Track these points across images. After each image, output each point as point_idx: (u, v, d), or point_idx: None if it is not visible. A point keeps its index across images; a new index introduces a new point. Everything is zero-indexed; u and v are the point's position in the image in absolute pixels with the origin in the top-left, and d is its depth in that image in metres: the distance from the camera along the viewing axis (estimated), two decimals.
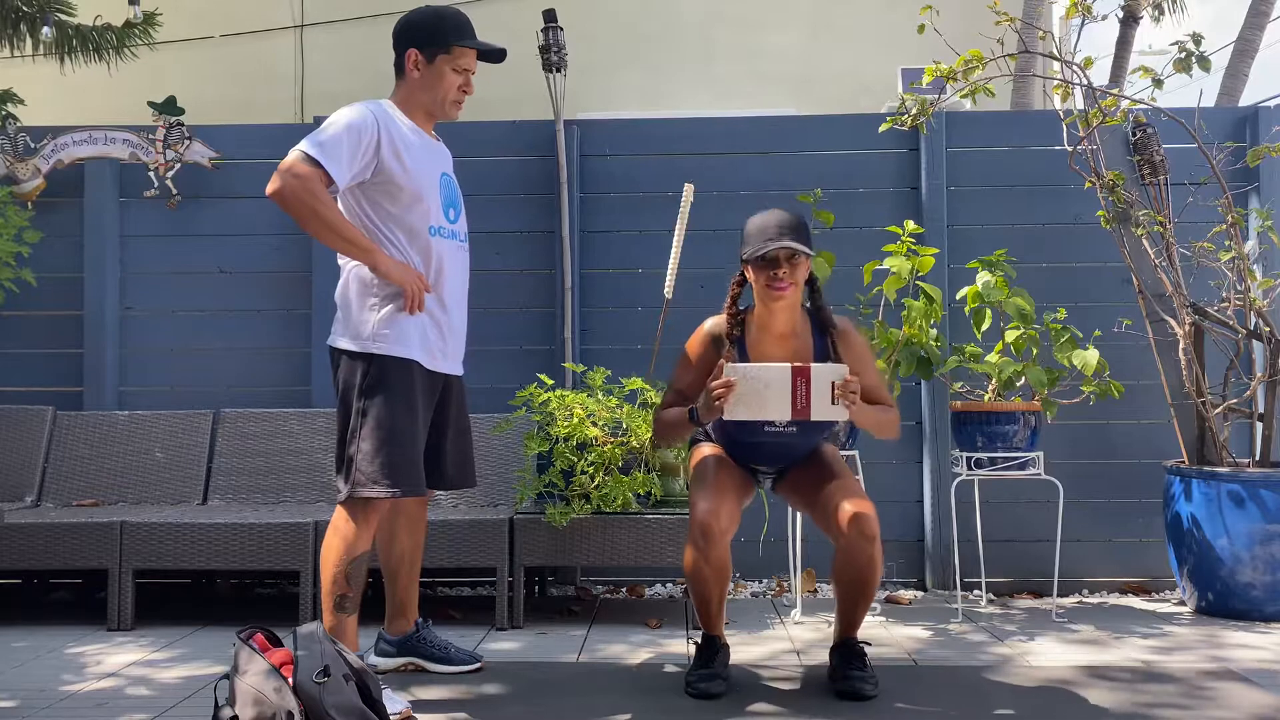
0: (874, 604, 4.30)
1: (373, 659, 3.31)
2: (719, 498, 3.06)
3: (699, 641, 3.21)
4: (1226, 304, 4.30)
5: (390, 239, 2.99)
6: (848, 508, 3.01)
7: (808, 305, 3.23)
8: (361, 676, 2.66)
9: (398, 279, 2.92)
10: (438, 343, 3.06)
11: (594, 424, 3.97)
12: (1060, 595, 4.39)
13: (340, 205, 3.00)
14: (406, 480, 2.93)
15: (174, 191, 4.88)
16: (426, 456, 3.07)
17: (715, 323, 3.21)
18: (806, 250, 3.04)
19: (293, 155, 2.85)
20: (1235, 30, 7.86)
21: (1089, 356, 4.04)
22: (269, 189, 2.86)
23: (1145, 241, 4.34)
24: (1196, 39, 4.23)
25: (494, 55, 3.14)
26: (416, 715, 2.89)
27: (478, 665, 3.31)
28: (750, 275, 3.12)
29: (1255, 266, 4.44)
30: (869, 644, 3.20)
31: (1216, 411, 4.23)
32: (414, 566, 3.31)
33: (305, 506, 4.33)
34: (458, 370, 3.20)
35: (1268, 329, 4.25)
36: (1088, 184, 4.38)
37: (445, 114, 3.12)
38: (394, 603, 3.31)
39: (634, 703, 3.00)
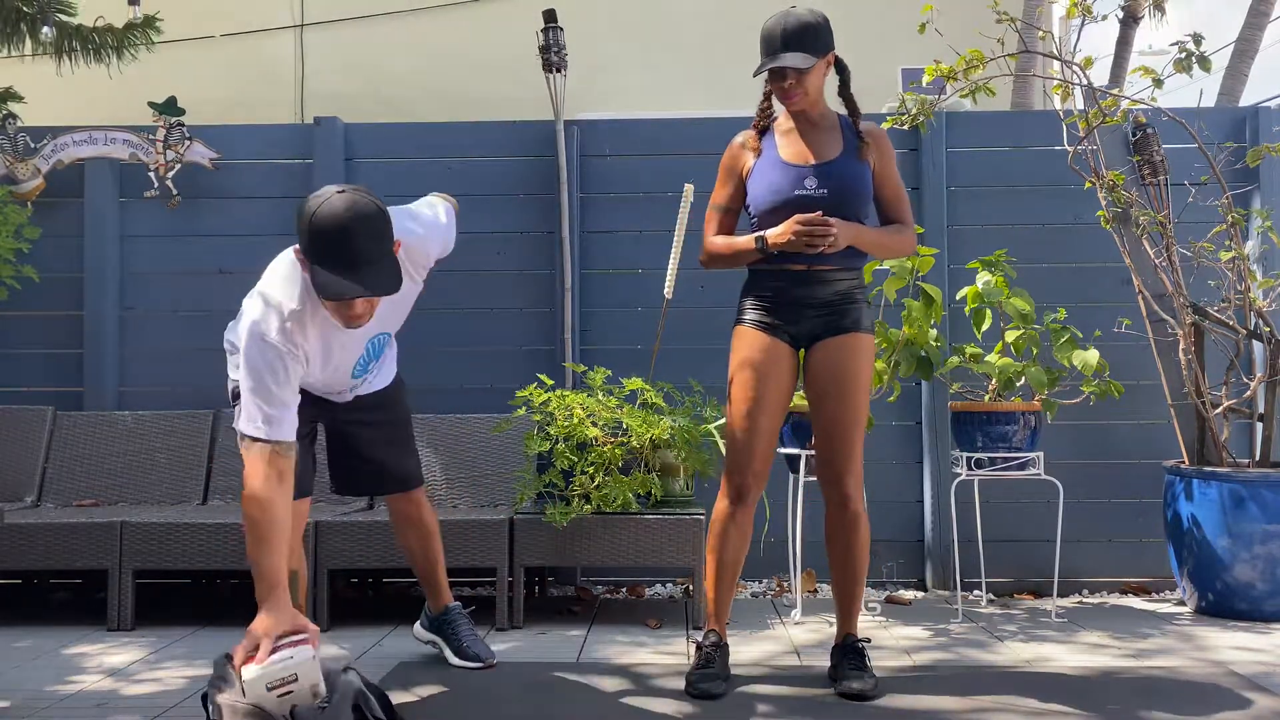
0: (874, 604, 4.30)
1: (416, 628, 3.54)
2: (756, 442, 3.08)
3: (699, 640, 3.21)
4: (1226, 304, 4.30)
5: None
6: (830, 466, 3.09)
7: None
8: (358, 699, 2.60)
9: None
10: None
11: (594, 424, 3.97)
12: (1060, 595, 4.39)
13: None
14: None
15: (174, 192, 4.87)
16: (345, 464, 3.24)
17: (743, 133, 3.25)
18: (801, 68, 3.03)
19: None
20: (1226, 31, 7.87)
21: (1089, 356, 4.04)
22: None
23: (1145, 241, 4.34)
24: (1197, 39, 4.23)
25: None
26: (415, 715, 2.89)
27: (483, 665, 3.32)
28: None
29: (1255, 266, 4.44)
30: (868, 641, 3.21)
31: (1216, 411, 4.23)
32: (430, 559, 3.39)
33: None
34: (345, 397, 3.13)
35: (1268, 329, 4.25)
36: (1088, 184, 4.38)
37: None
38: (425, 588, 3.48)
39: (634, 703, 3.00)
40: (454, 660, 3.36)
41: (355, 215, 2.53)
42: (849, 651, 3.14)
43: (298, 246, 2.66)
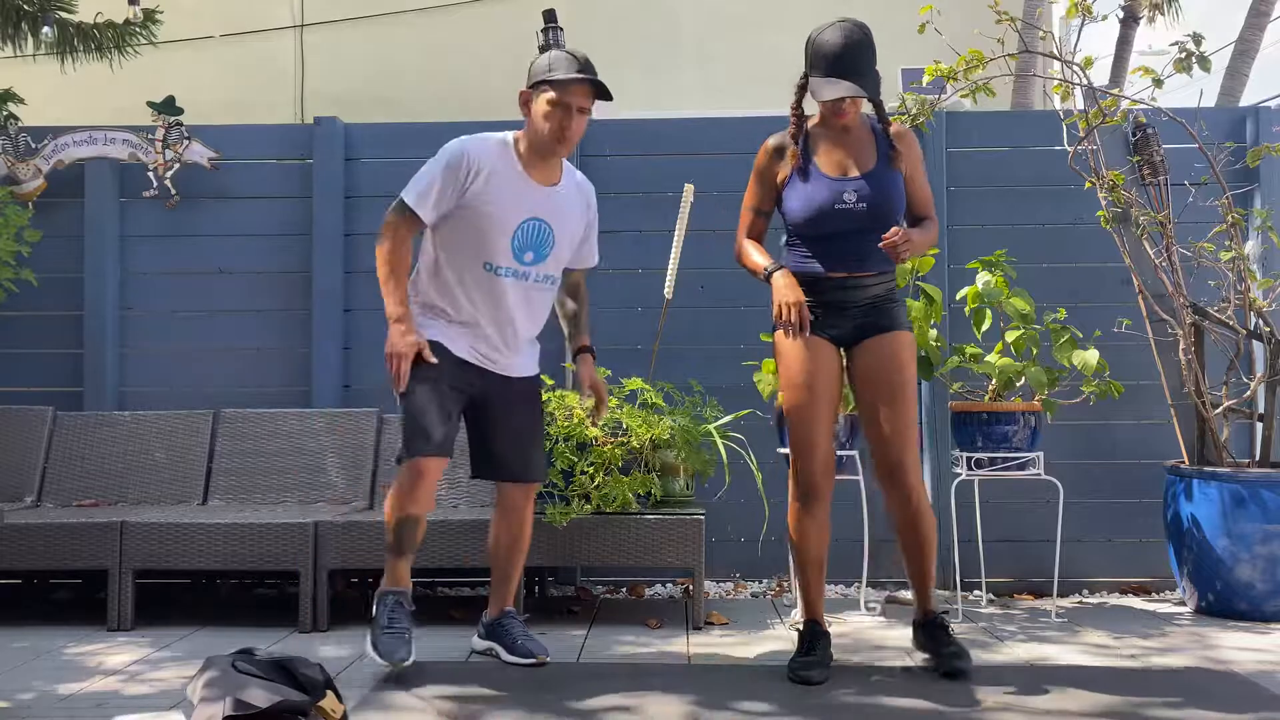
0: (874, 604, 4.30)
1: (473, 640, 3.61)
2: (816, 440, 3.16)
3: (799, 628, 3.31)
4: (1226, 304, 4.30)
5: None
6: (887, 460, 3.19)
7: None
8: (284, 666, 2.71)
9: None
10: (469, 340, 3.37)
11: (594, 424, 3.97)
12: (1060, 595, 4.39)
13: None
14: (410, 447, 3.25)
15: (173, 192, 4.87)
16: (476, 447, 3.47)
17: (777, 136, 3.30)
18: (864, 95, 3.10)
19: None
20: (1226, 31, 7.87)
21: (1089, 356, 4.04)
22: None
23: (1145, 242, 4.34)
24: (1197, 39, 4.23)
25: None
26: (414, 715, 2.89)
27: (534, 660, 3.39)
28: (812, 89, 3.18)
29: (1255, 266, 4.44)
30: (948, 613, 3.35)
31: (1217, 411, 4.23)
32: (509, 559, 3.53)
33: (305, 506, 4.33)
34: (506, 371, 3.41)
35: (1268, 329, 4.25)
36: (1088, 184, 4.38)
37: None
38: (492, 588, 3.58)
39: (634, 703, 2.99)
40: (507, 658, 3.43)
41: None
42: (937, 628, 3.27)
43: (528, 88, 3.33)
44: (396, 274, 3.25)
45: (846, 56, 3.07)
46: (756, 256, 3.29)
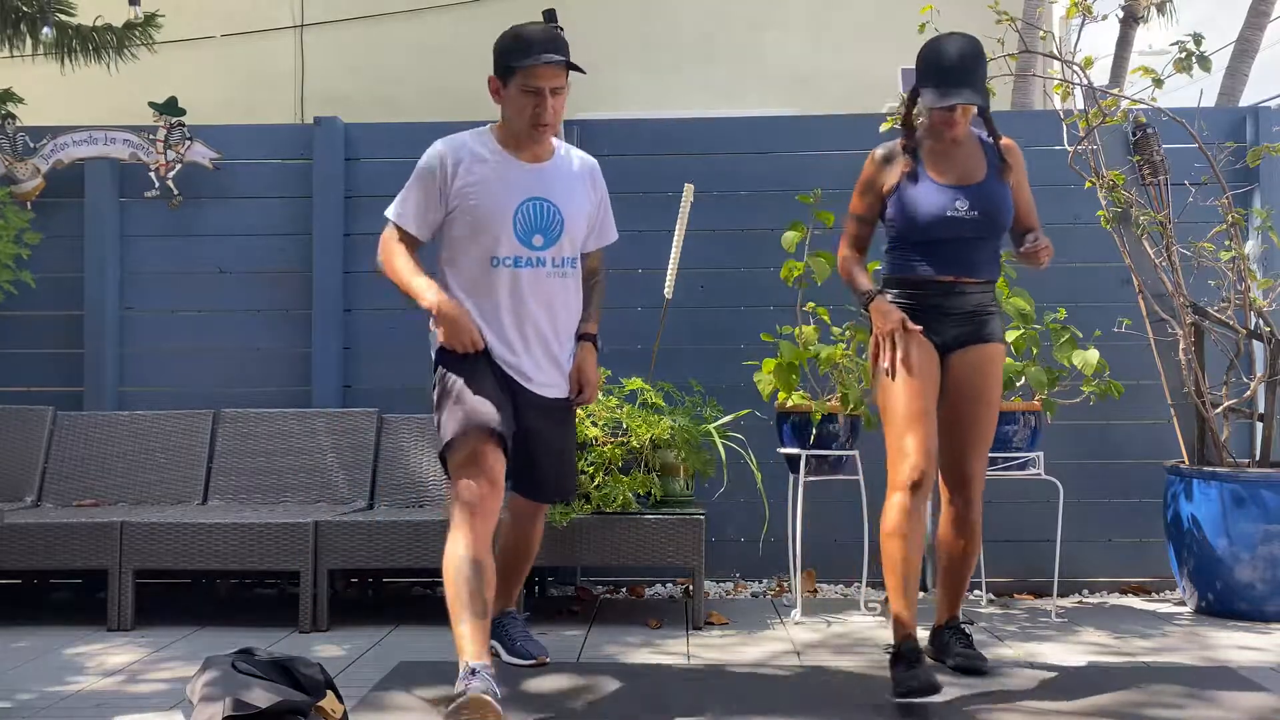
0: (874, 604, 4.30)
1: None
2: (924, 437, 3.11)
3: (895, 648, 3.03)
4: (1226, 304, 4.30)
5: None
6: (957, 466, 3.27)
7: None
8: (267, 670, 2.69)
9: None
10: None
11: (594, 424, 3.97)
12: (1060, 595, 4.39)
13: None
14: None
15: (175, 192, 4.88)
16: (514, 461, 3.16)
17: (885, 146, 3.30)
18: (977, 103, 3.13)
19: None
20: (1225, 31, 7.86)
21: (1089, 356, 4.05)
22: None
23: (1145, 241, 4.34)
24: (1197, 39, 4.24)
25: None
26: (414, 715, 2.89)
27: (533, 661, 3.37)
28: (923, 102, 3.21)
29: (1255, 266, 4.44)
30: (971, 622, 3.38)
31: (1216, 411, 4.23)
32: (515, 565, 3.47)
33: (305, 506, 4.33)
34: (529, 384, 3.17)
35: (1268, 329, 4.25)
36: (1088, 184, 4.38)
37: None
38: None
39: (634, 703, 2.99)
40: (506, 658, 3.40)
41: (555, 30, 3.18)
42: (957, 632, 3.35)
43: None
44: (407, 272, 3.09)
45: (959, 68, 3.11)
46: (860, 278, 3.29)
